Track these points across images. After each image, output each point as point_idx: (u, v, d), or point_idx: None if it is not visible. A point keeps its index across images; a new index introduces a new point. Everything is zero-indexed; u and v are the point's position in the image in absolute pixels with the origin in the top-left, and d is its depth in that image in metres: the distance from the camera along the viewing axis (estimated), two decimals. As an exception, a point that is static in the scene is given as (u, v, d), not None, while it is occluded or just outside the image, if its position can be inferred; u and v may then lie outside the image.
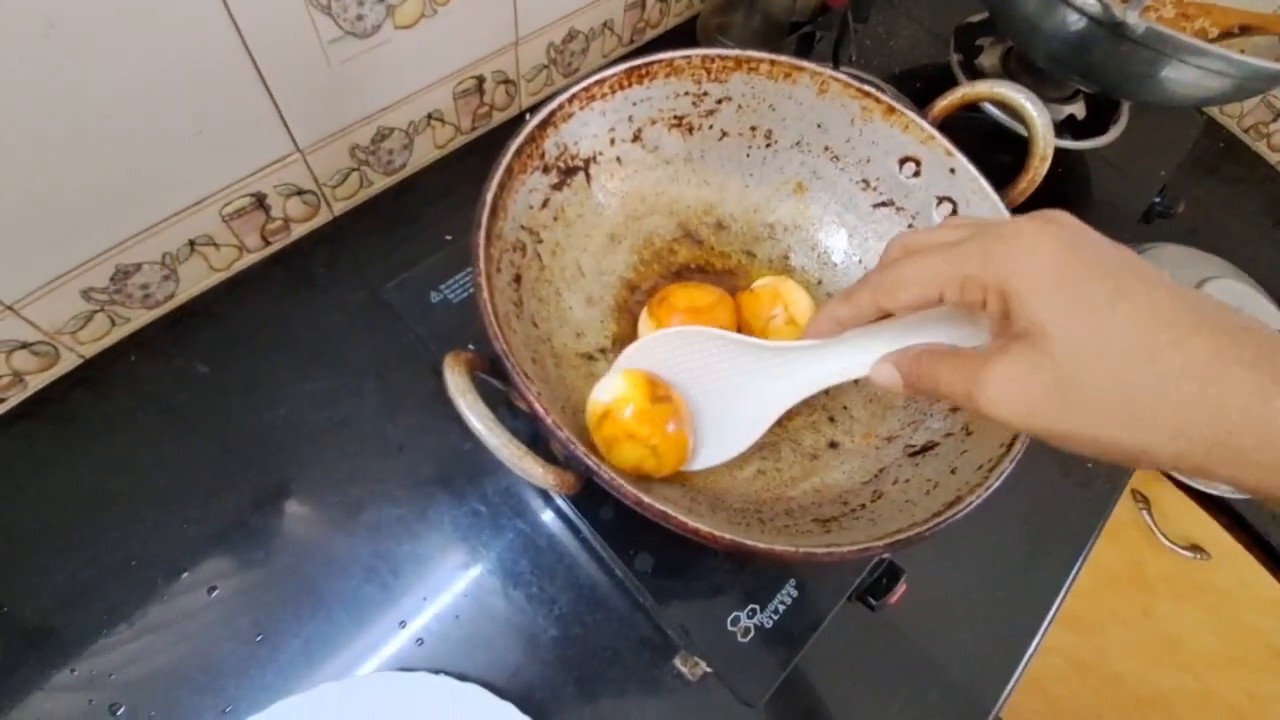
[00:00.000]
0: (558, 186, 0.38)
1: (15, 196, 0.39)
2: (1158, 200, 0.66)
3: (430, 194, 0.61)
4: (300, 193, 0.53)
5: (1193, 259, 0.69)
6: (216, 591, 0.44)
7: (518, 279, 0.34)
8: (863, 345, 0.31)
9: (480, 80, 0.58)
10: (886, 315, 0.30)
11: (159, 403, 0.49)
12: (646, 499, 0.25)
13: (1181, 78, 0.51)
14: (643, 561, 0.39)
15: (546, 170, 0.37)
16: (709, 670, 0.38)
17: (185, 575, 0.44)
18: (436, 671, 0.40)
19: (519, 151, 0.34)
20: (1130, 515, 0.68)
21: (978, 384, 0.24)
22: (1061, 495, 0.56)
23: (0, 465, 0.46)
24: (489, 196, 0.32)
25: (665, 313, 0.37)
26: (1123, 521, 0.70)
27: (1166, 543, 0.66)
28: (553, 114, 0.35)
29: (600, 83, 0.37)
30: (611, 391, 0.32)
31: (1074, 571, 0.54)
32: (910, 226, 0.42)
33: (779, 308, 0.38)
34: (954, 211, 0.40)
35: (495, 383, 0.28)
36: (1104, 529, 0.57)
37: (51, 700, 0.41)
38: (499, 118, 0.64)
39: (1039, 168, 0.38)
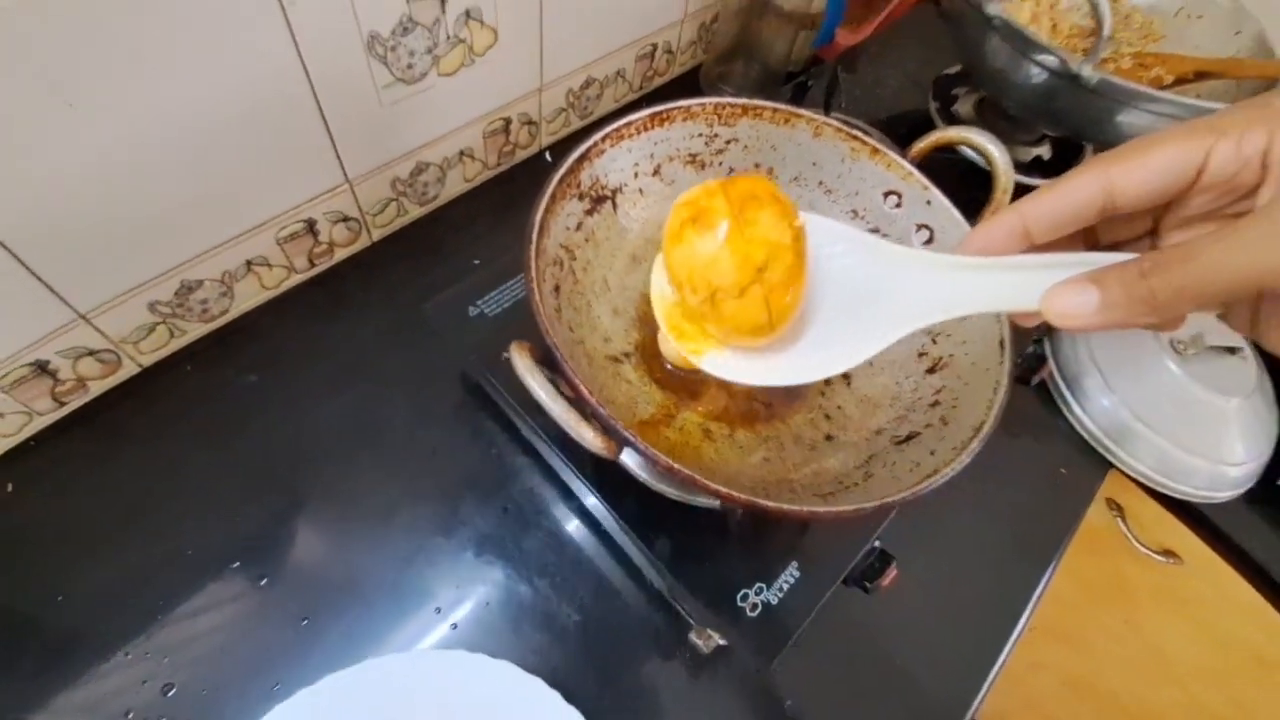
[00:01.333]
0: (590, 212, 0.43)
1: (103, 217, 0.44)
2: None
3: (457, 223, 0.66)
4: (345, 219, 0.58)
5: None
6: (265, 580, 0.47)
7: (557, 289, 0.40)
8: (1028, 275, 0.24)
9: (507, 121, 0.64)
10: (1096, 226, 0.24)
11: (211, 409, 0.54)
12: (676, 465, 0.29)
13: (1136, 121, 0.58)
14: (662, 546, 0.43)
15: (581, 198, 0.42)
16: (722, 643, 0.41)
17: (236, 565, 0.48)
18: (472, 651, 0.44)
19: (561, 180, 0.39)
20: (1106, 523, 0.73)
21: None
22: (1040, 493, 0.61)
23: (61, 463, 0.50)
24: (537, 217, 0.37)
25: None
26: (1100, 531, 0.74)
27: (1142, 549, 0.70)
28: (588, 150, 0.41)
29: (628, 125, 0.43)
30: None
31: (1053, 564, 0.58)
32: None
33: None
34: (930, 238, 0.46)
35: (543, 372, 0.33)
36: (1084, 537, 0.61)
37: (106, 682, 0.44)
38: (521, 155, 0.70)
39: (1001, 198, 0.43)
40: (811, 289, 0.28)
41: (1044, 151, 0.73)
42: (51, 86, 0.37)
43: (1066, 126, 0.64)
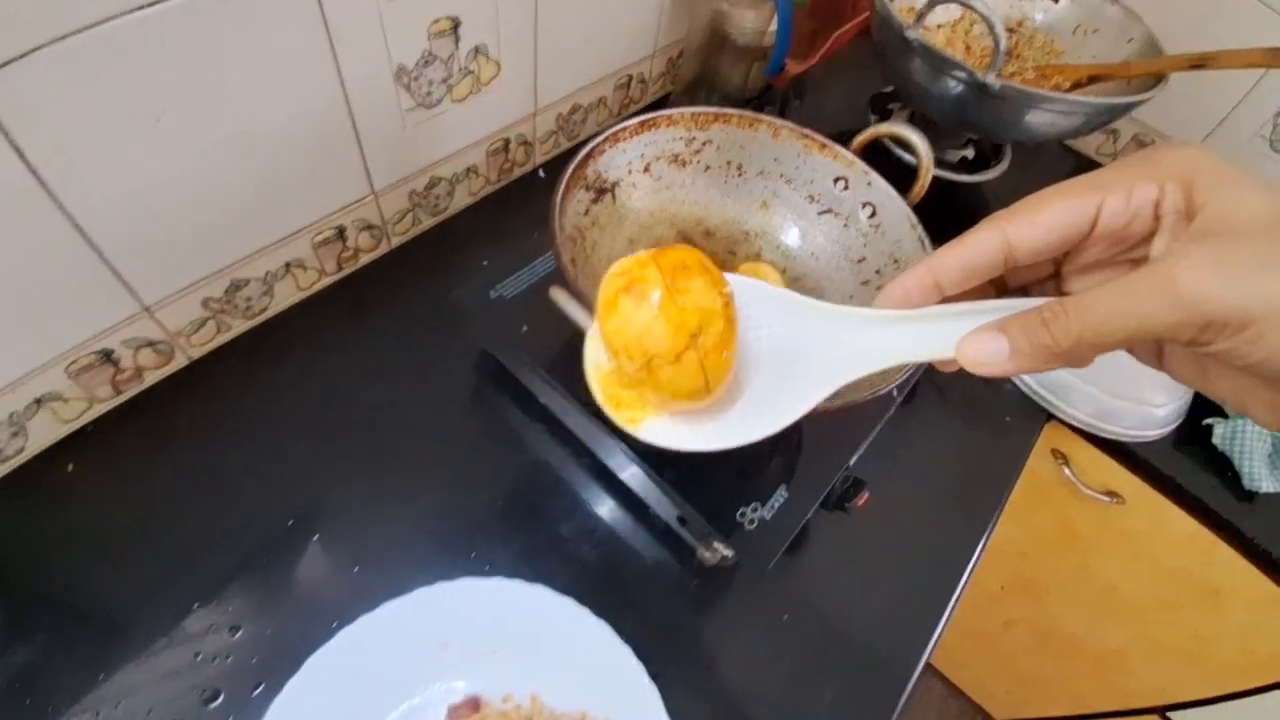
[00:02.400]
0: (595, 201, 0.52)
1: (174, 220, 0.51)
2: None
3: (463, 232, 0.75)
4: (370, 227, 0.66)
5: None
6: (317, 536, 0.53)
7: (573, 261, 0.48)
8: (943, 325, 0.25)
9: (507, 142, 0.74)
10: (990, 281, 0.25)
11: (254, 395, 0.60)
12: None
13: (1039, 120, 0.70)
14: (670, 476, 0.50)
15: (588, 189, 0.51)
16: (727, 554, 0.49)
17: (291, 523, 0.53)
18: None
19: (572, 173, 0.48)
20: (1053, 475, 0.82)
21: (1180, 279, 0.19)
22: (990, 437, 0.70)
23: (118, 447, 0.56)
24: (557, 198, 0.46)
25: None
26: (1047, 483, 0.83)
27: (1087, 491, 0.80)
28: (592, 150, 0.50)
29: (624, 129, 0.52)
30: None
31: (1007, 491, 0.66)
32: (845, 227, 0.58)
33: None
34: (874, 213, 0.56)
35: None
36: (1034, 491, 0.71)
37: (179, 628, 0.49)
38: (518, 172, 0.79)
39: (925, 176, 0.54)
40: (743, 351, 0.28)
41: (968, 153, 0.85)
42: (146, 105, 0.44)
43: (983, 129, 0.76)
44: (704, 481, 0.50)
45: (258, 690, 0.47)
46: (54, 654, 0.47)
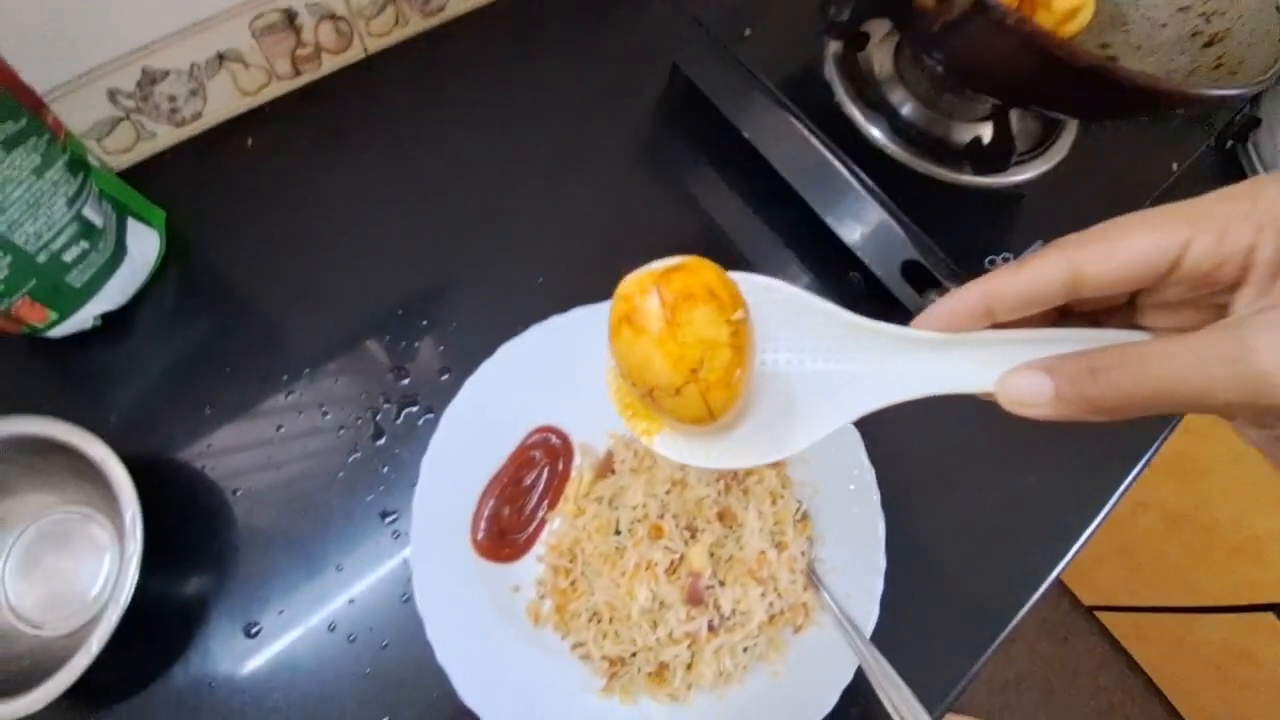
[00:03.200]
0: None
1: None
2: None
3: (469, 47, 0.57)
4: (333, 18, 0.52)
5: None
6: (504, 241, 0.50)
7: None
8: (987, 353, 0.22)
9: None
10: (1061, 305, 0.22)
11: (431, 107, 0.55)
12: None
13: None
14: (910, 210, 0.44)
15: None
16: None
17: (467, 228, 0.50)
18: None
19: None
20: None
21: (1249, 342, 0.17)
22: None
23: (292, 133, 0.53)
24: None
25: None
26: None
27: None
28: None
29: None
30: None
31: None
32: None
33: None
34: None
35: None
36: None
37: (361, 311, 0.47)
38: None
39: None
40: (766, 367, 0.26)
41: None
42: None
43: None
44: (946, 223, 0.43)
45: (445, 376, 0.45)
46: (235, 321, 0.46)
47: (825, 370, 0.25)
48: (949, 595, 0.44)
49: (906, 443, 0.47)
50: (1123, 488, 0.49)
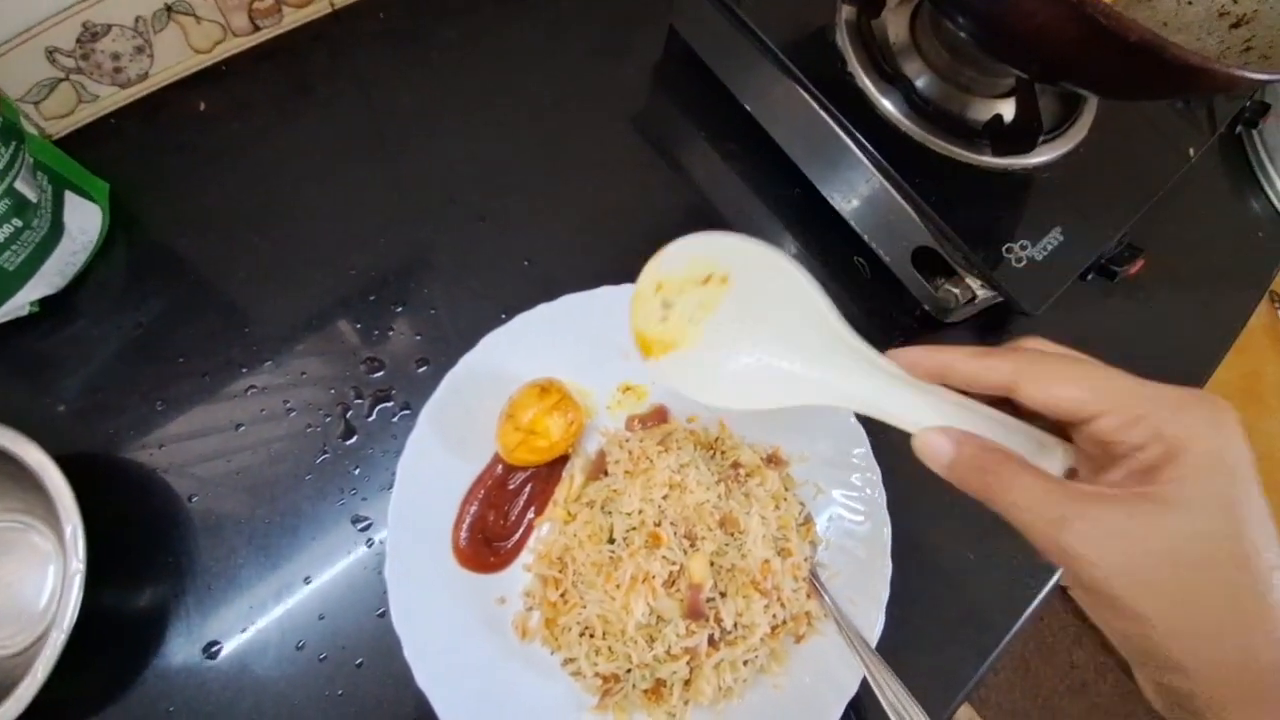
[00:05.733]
0: None
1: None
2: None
3: (449, 2, 0.53)
4: None
5: None
6: (483, 220, 0.46)
7: None
8: (929, 402, 0.26)
9: None
10: (989, 398, 0.25)
11: (406, 68, 0.50)
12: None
13: None
14: (928, 195, 0.41)
15: None
16: (981, 294, 0.40)
17: (451, 204, 0.46)
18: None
19: None
20: (1262, 321, 0.71)
21: (1071, 519, 0.21)
22: (1238, 250, 0.59)
23: (251, 95, 0.48)
24: None
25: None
26: (1252, 328, 0.72)
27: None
28: None
29: None
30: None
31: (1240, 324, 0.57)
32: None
33: None
34: None
35: None
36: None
37: (332, 297, 0.43)
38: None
39: None
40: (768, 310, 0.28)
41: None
42: None
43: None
44: (963, 208, 0.41)
45: (423, 369, 0.42)
46: (189, 303, 0.42)
47: (814, 348, 0.28)
48: (953, 597, 0.42)
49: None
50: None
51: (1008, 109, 0.43)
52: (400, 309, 0.43)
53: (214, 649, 0.34)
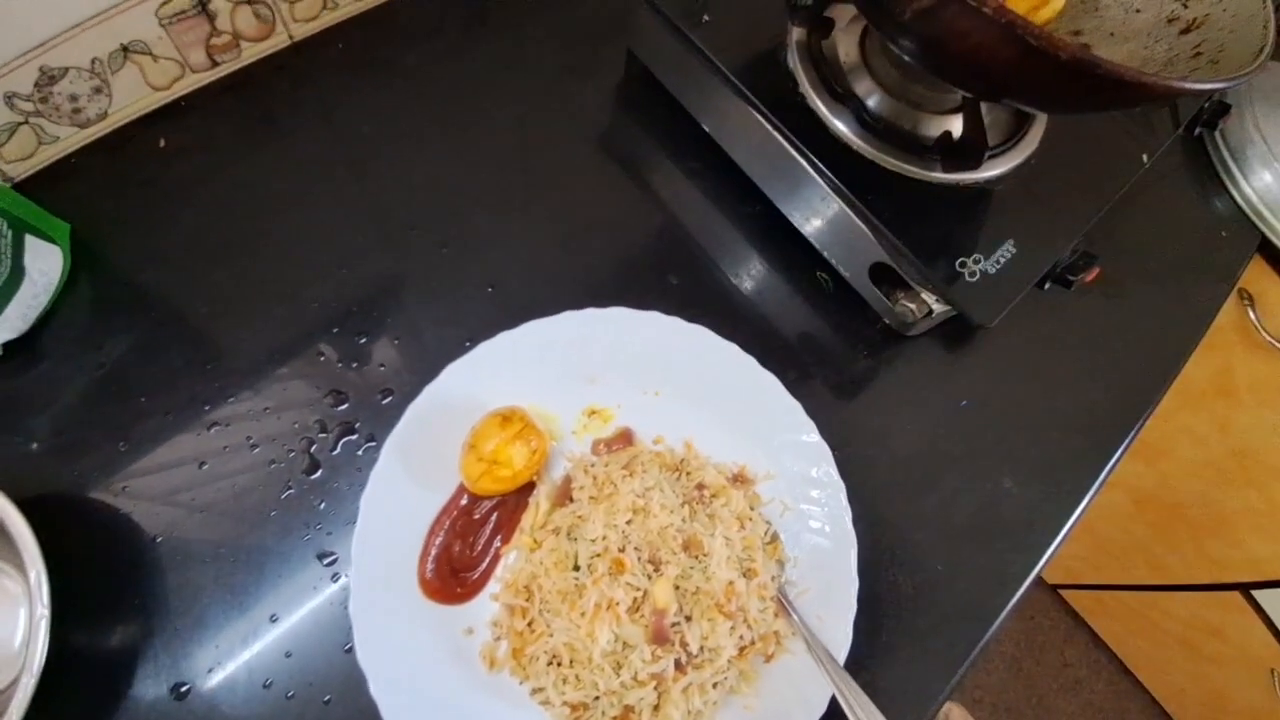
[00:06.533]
0: None
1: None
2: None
3: (409, 30, 0.53)
4: (251, 2, 0.47)
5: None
6: (445, 249, 0.46)
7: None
8: None
9: None
10: None
11: (362, 91, 0.51)
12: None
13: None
14: (879, 209, 0.41)
15: None
16: (936, 308, 0.41)
17: (413, 233, 0.47)
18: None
19: None
20: (1231, 317, 0.72)
21: None
22: (1202, 248, 0.60)
23: (212, 129, 0.48)
24: None
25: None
26: (1221, 326, 0.73)
27: (1266, 337, 0.70)
28: None
29: None
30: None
31: (1208, 321, 0.57)
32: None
33: None
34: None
35: None
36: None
37: (294, 329, 0.43)
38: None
39: None
40: None
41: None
42: None
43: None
44: (919, 221, 0.41)
45: (387, 399, 0.42)
46: (151, 340, 0.42)
47: None
48: (927, 603, 0.43)
49: (881, 448, 0.45)
50: (1098, 482, 0.49)
51: (957, 125, 0.43)
52: (364, 339, 0.43)
53: (183, 689, 0.34)
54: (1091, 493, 0.48)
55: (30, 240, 0.42)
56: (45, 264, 0.42)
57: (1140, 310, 0.55)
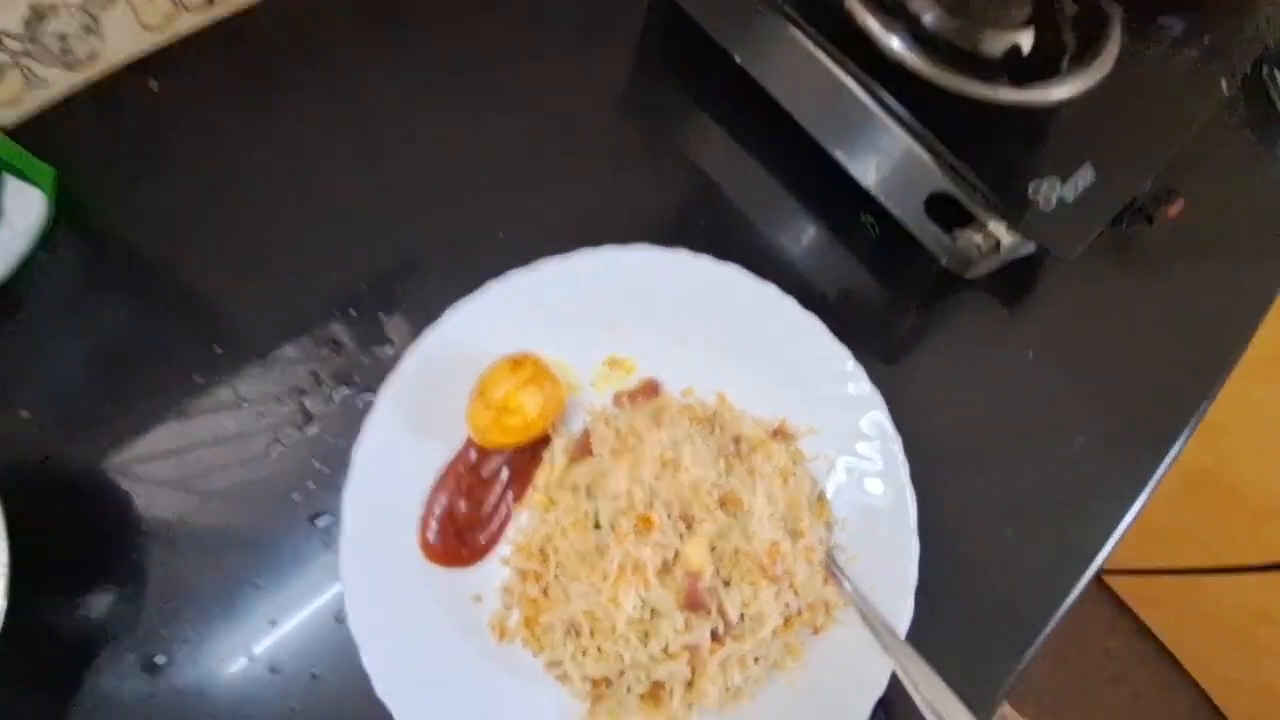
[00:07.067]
0: None
1: None
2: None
3: None
4: None
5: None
6: (455, 198, 0.43)
7: None
8: None
9: None
10: None
11: (376, 47, 0.47)
12: None
13: None
14: (941, 133, 0.36)
15: None
16: (1006, 239, 0.36)
17: (415, 182, 0.43)
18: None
19: None
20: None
21: None
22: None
23: (206, 75, 0.45)
24: None
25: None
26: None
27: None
28: None
29: None
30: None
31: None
32: None
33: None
34: None
35: None
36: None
37: (293, 277, 0.40)
38: None
39: None
40: None
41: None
42: None
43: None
44: (982, 147, 0.36)
45: (389, 349, 0.38)
46: (134, 292, 0.39)
47: None
48: (985, 585, 0.38)
49: (935, 405, 0.41)
50: (1175, 449, 0.44)
51: (1025, 40, 0.39)
52: (365, 288, 0.40)
53: (157, 662, 0.31)
54: (1168, 461, 0.43)
55: (10, 181, 0.39)
56: (25, 207, 0.39)
57: (1220, 261, 0.49)
